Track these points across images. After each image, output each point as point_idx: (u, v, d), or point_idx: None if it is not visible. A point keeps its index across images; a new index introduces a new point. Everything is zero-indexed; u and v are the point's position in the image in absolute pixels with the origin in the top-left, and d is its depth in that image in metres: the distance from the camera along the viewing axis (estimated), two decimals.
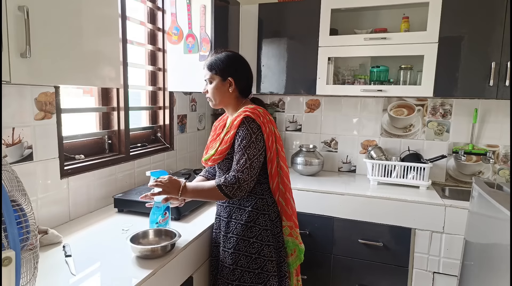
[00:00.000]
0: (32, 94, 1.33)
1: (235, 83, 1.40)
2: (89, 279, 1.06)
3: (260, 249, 1.35)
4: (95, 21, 1.18)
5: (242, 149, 1.30)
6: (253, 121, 1.32)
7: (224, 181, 1.29)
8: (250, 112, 1.33)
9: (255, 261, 1.35)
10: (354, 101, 2.56)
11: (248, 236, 1.35)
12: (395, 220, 1.99)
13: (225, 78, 1.40)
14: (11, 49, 0.89)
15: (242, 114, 1.34)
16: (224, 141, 1.35)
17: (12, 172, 0.82)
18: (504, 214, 1.18)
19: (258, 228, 1.36)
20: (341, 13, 2.35)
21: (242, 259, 1.35)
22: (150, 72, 2.17)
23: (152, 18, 2.14)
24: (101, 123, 1.83)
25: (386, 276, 2.05)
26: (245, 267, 1.35)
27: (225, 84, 1.40)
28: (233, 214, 1.39)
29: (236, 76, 1.41)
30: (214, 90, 1.41)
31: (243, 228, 1.36)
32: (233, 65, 1.42)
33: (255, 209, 1.37)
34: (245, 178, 1.28)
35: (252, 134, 1.31)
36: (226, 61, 1.41)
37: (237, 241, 1.35)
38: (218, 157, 1.36)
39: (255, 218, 1.36)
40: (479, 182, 1.53)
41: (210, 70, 1.41)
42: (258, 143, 1.31)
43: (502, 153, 2.27)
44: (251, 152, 1.30)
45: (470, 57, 1.97)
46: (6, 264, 0.71)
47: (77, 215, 1.56)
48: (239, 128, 1.32)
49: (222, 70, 1.40)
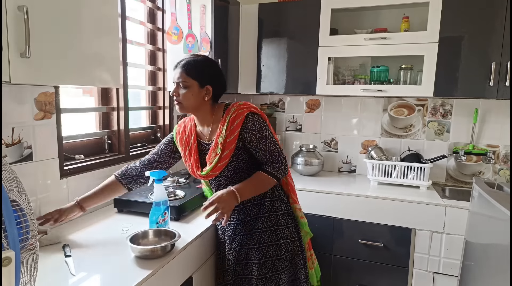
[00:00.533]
0: (32, 94, 1.33)
1: (212, 92, 1.36)
2: (89, 279, 1.06)
3: (282, 233, 1.41)
4: (95, 21, 1.18)
5: (266, 139, 1.34)
6: (258, 114, 1.36)
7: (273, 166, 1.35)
8: (248, 108, 1.36)
9: (280, 247, 1.40)
10: (354, 101, 2.55)
11: (268, 225, 1.41)
12: (395, 220, 1.99)
13: (203, 85, 1.34)
14: (11, 49, 0.89)
15: (241, 111, 1.33)
16: (228, 143, 1.32)
17: (11, 172, 0.82)
18: (504, 214, 1.18)
19: (276, 215, 1.43)
20: (341, 13, 2.34)
21: (270, 249, 1.39)
22: (150, 72, 2.17)
23: (152, 18, 2.14)
24: (101, 123, 1.83)
25: (386, 276, 2.05)
26: (274, 256, 1.39)
27: (202, 91, 1.34)
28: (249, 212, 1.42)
29: (214, 84, 1.36)
30: (189, 95, 1.33)
31: (262, 221, 1.41)
32: (211, 72, 1.37)
33: (268, 198, 1.43)
34: (283, 159, 1.38)
35: (264, 123, 1.36)
36: (205, 67, 1.35)
37: (260, 234, 1.40)
38: (224, 162, 1.34)
39: (270, 207, 1.43)
40: (480, 182, 1.53)
41: (187, 73, 1.32)
42: (270, 130, 1.38)
43: (503, 153, 2.27)
44: (273, 138, 1.37)
45: (470, 57, 1.97)
46: (5, 264, 0.71)
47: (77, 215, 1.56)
48: (245, 125, 1.32)
49: (201, 76, 1.33)
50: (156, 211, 1.38)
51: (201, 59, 1.37)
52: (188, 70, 1.33)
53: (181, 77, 1.33)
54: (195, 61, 1.35)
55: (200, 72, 1.34)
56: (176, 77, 1.35)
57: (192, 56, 1.38)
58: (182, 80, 1.33)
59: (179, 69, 1.35)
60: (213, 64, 1.40)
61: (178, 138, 1.49)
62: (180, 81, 1.33)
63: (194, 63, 1.34)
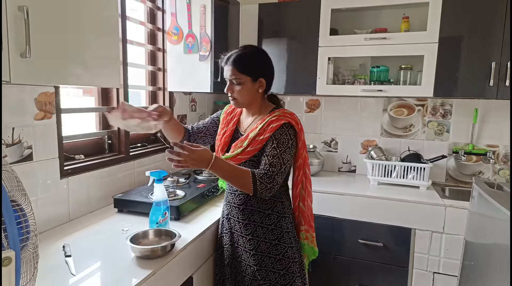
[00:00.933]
0: (32, 94, 1.33)
1: (265, 84, 1.36)
2: (89, 279, 1.06)
3: (284, 251, 1.37)
4: (95, 21, 1.18)
5: (278, 152, 1.29)
6: (292, 127, 1.32)
7: (262, 176, 1.25)
8: (290, 118, 1.33)
9: (280, 262, 1.36)
10: (354, 101, 2.55)
11: (270, 238, 1.36)
12: (395, 220, 1.99)
13: (256, 79, 1.33)
14: (11, 49, 0.89)
15: (281, 119, 1.31)
16: (255, 142, 1.31)
17: (12, 172, 0.82)
18: (504, 214, 1.18)
19: (280, 231, 1.37)
20: (341, 13, 2.34)
21: (266, 260, 1.36)
22: (150, 72, 2.17)
23: (152, 18, 2.14)
24: (101, 123, 1.83)
25: (386, 276, 2.05)
26: (270, 267, 1.36)
27: (255, 85, 1.34)
28: (251, 216, 1.38)
29: (266, 76, 1.36)
30: (244, 91, 1.32)
31: (264, 231, 1.36)
32: (263, 64, 1.36)
33: (276, 212, 1.38)
34: (278, 181, 1.29)
35: (289, 140, 1.31)
36: (255, 60, 1.34)
37: (259, 243, 1.36)
38: (245, 157, 1.33)
39: (276, 221, 1.37)
40: (479, 182, 1.53)
41: (239, 70, 1.30)
42: (292, 149, 1.33)
43: (502, 153, 2.27)
44: (286, 157, 1.30)
45: (470, 57, 1.97)
46: (6, 264, 0.71)
47: (77, 215, 1.56)
48: (276, 132, 1.30)
49: (254, 71, 1.32)
50: (156, 211, 1.38)
51: (251, 52, 1.34)
52: (240, 66, 1.31)
53: (233, 74, 1.32)
54: (245, 55, 1.32)
55: (252, 66, 1.32)
56: (228, 74, 1.33)
57: (240, 50, 1.34)
58: (235, 77, 1.32)
59: (230, 66, 1.32)
60: (263, 55, 1.37)
61: (223, 117, 1.51)
62: (233, 78, 1.32)
63: (245, 57, 1.32)
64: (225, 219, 1.46)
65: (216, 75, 2.11)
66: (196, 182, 1.91)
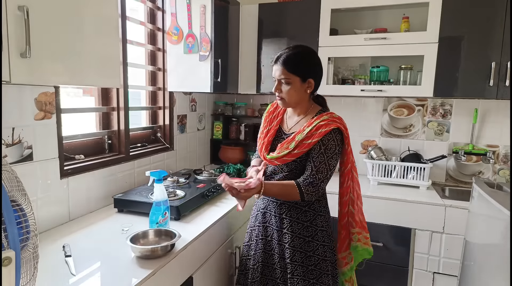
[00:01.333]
0: (32, 94, 1.33)
1: (314, 84, 1.36)
2: (89, 279, 1.06)
3: (316, 248, 1.38)
4: (95, 21, 1.18)
5: (325, 158, 1.30)
6: (340, 133, 1.33)
7: (307, 188, 1.30)
8: (339, 123, 1.33)
9: (310, 259, 1.38)
10: (354, 101, 2.55)
11: (304, 234, 1.38)
12: (395, 220, 1.99)
13: (305, 79, 1.33)
14: (11, 49, 0.89)
15: (330, 124, 1.31)
16: (303, 145, 1.31)
17: (12, 172, 0.82)
18: (504, 214, 1.18)
19: (315, 229, 1.39)
20: (341, 13, 2.35)
21: (297, 255, 1.38)
22: (150, 72, 2.17)
23: (152, 18, 2.14)
24: (101, 123, 1.83)
25: (386, 276, 2.05)
26: (299, 262, 1.37)
27: (304, 85, 1.34)
28: (288, 212, 1.40)
29: (315, 77, 1.36)
30: (292, 92, 1.33)
31: (299, 227, 1.38)
32: (313, 65, 1.36)
33: (312, 210, 1.39)
34: (323, 186, 1.33)
35: (337, 146, 1.32)
36: (306, 60, 1.33)
37: (292, 238, 1.38)
38: (290, 159, 1.34)
39: (311, 219, 1.39)
40: (479, 182, 1.53)
41: (289, 70, 1.30)
42: (339, 155, 1.36)
43: (502, 153, 2.27)
44: (332, 163, 1.33)
45: (470, 57, 1.97)
46: (6, 264, 0.71)
47: (77, 215, 1.56)
48: (324, 137, 1.30)
49: (303, 71, 1.32)
50: (156, 211, 1.38)
51: (301, 52, 1.34)
52: (290, 66, 1.31)
53: (282, 74, 1.32)
54: (295, 55, 1.32)
55: (302, 66, 1.32)
56: (277, 74, 1.34)
57: (290, 50, 1.34)
58: (284, 77, 1.32)
59: (279, 65, 1.32)
60: (313, 55, 1.37)
61: (265, 115, 1.51)
62: (282, 78, 1.33)
63: (295, 57, 1.32)
64: (260, 213, 1.48)
65: (216, 75, 2.11)
66: (196, 182, 1.91)
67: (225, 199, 1.87)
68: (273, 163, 1.39)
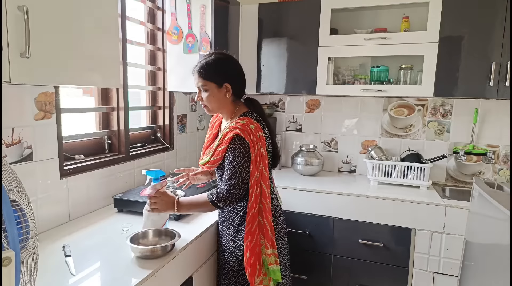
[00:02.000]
0: (32, 94, 1.33)
1: (232, 88, 1.38)
2: (89, 279, 1.06)
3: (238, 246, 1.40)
4: (95, 21, 1.18)
5: (235, 167, 1.30)
6: (243, 139, 1.30)
7: (216, 197, 1.33)
8: (241, 129, 1.29)
9: (240, 263, 1.38)
10: (354, 101, 2.55)
11: (238, 238, 1.39)
12: (395, 220, 1.99)
13: (221, 84, 1.36)
14: (11, 49, 0.89)
15: (233, 129, 1.31)
16: (217, 152, 1.35)
17: (11, 172, 0.82)
18: (504, 214, 1.18)
19: (237, 228, 1.40)
20: (341, 13, 2.34)
21: (230, 258, 1.41)
22: (150, 72, 2.17)
23: (152, 18, 2.14)
24: (101, 123, 1.83)
25: (386, 276, 2.05)
26: (231, 265, 1.40)
27: (221, 90, 1.37)
28: (226, 215, 1.43)
29: (231, 81, 1.38)
30: (211, 98, 1.37)
31: (234, 230, 1.40)
32: (226, 69, 1.38)
33: (246, 214, 1.38)
34: (237, 193, 1.32)
35: (244, 153, 1.30)
36: (219, 66, 1.36)
37: (228, 240, 1.42)
38: (212, 165, 1.39)
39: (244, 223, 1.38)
40: (480, 182, 1.53)
41: (203, 77, 1.35)
42: (249, 162, 1.31)
43: (503, 153, 2.27)
44: (244, 171, 1.31)
45: (470, 57, 1.97)
46: (6, 264, 0.71)
47: (77, 215, 1.56)
48: (230, 144, 1.31)
49: (216, 76, 1.35)
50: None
51: (214, 59, 1.37)
52: (204, 73, 1.35)
53: (199, 82, 1.37)
54: (207, 63, 1.36)
55: (215, 72, 1.35)
56: (195, 82, 1.39)
57: (204, 58, 1.39)
58: (201, 84, 1.37)
59: (195, 74, 1.38)
60: (226, 60, 1.40)
61: (210, 120, 1.59)
62: (199, 85, 1.38)
63: (207, 65, 1.35)
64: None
65: None
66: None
67: None
68: (202, 168, 1.44)
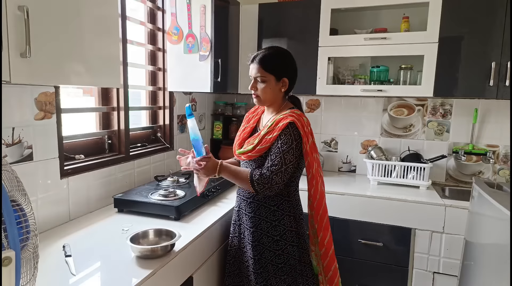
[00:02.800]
0: (32, 94, 1.33)
1: (288, 84, 1.40)
2: (89, 279, 1.06)
3: (284, 247, 1.40)
4: (95, 21, 1.18)
5: (281, 152, 1.31)
6: (296, 128, 1.33)
7: (258, 178, 1.32)
8: (296, 119, 1.33)
9: (279, 257, 1.40)
10: (354, 101, 2.56)
11: (273, 234, 1.40)
12: (395, 220, 1.99)
13: (279, 78, 1.38)
14: (11, 49, 0.89)
15: (288, 118, 1.33)
16: (265, 140, 1.34)
17: (12, 172, 0.82)
18: (504, 214, 1.18)
19: (283, 228, 1.41)
20: (341, 13, 2.34)
21: (266, 252, 1.41)
22: (150, 72, 2.17)
23: (152, 18, 2.14)
24: (101, 123, 1.83)
25: (386, 276, 2.05)
26: (269, 259, 1.40)
27: (279, 84, 1.39)
28: (257, 210, 1.42)
29: (290, 76, 1.40)
30: (267, 89, 1.38)
31: (268, 226, 1.41)
32: (288, 64, 1.40)
33: (280, 210, 1.41)
34: (278, 180, 1.32)
35: (293, 141, 1.33)
36: (281, 60, 1.39)
37: (261, 236, 1.41)
38: (255, 154, 1.37)
39: (280, 218, 1.41)
40: (479, 182, 1.53)
41: (265, 68, 1.36)
42: (297, 150, 1.34)
43: (502, 153, 2.27)
44: (289, 158, 1.32)
45: (470, 57, 1.97)
46: (6, 264, 0.71)
47: (77, 215, 1.56)
48: (282, 131, 1.32)
49: (277, 70, 1.37)
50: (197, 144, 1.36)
51: (276, 52, 1.40)
52: (265, 64, 1.36)
53: (258, 72, 1.37)
54: (271, 55, 1.38)
55: (277, 65, 1.37)
56: (254, 72, 1.39)
57: (266, 50, 1.40)
58: (260, 75, 1.37)
59: (256, 64, 1.38)
60: (288, 56, 1.42)
61: (246, 115, 1.60)
62: (258, 76, 1.38)
63: (270, 57, 1.37)
64: (235, 211, 1.53)
65: (216, 75, 2.11)
66: None
67: (225, 199, 1.87)
68: (240, 158, 1.44)
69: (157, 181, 1.88)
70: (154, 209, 1.57)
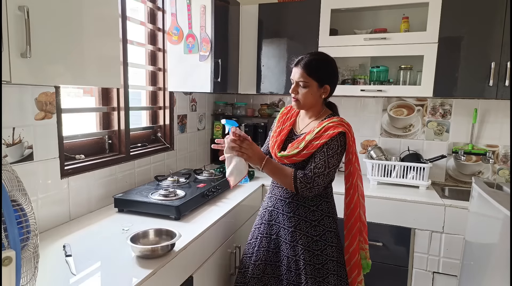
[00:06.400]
0: (33, 94, 1.33)
1: (330, 91, 1.41)
2: (89, 279, 1.07)
3: (324, 248, 1.41)
4: (95, 21, 1.18)
5: (326, 156, 1.33)
6: (344, 136, 1.35)
7: (302, 177, 1.33)
8: (347, 129, 1.35)
9: (317, 258, 1.40)
10: (354, 101, 2.56)
11: (312, 234, 1.41)
12: (395, 220, 1.99)
13: (322, 85, 1.38)
14: (11, 49, 0.89)
15: (339, 127, 1.34)
16: (312, 145, 1.35)
17: (12, 172, 0.82)
18: (504, 214, 1.18)
19: (322, 229, 1.42)
20: (341, 13, 2.35)
21: (305, 253, 1.41)
22: (150, 72, 2.18)
23: (152, 18, 2.14)
24: (101, 123, 1.84)
25: (386, 276, 2.05)
26: (307, 260, 1.40)
27: (320, 90, 1.39)
28: (296, 210, 1.43)
29: (331, 83, 1.41)
30: (308, 95, 1.38)
31: (307, 226, 1.41)
32: (331, 72, 1.41)
33: (320, 210, 1.42)
34: (319, 182, 1.33)
35: (339, 147, 1.35)
36: (325, 67, 1.38)
37: (300, 236, 1.42)
38: (299, 159, 1.38)
39: (319, 218, 1.42)
40: (479, 182, 1.53)
41: (308, 73, 1.36)
42: (341, 156, 1.37)
43: (502, 153, 2.27)
44: (332, 162, 1.34)
45: (470, 57, 1.97)
46: (6, 264, 0.71)
47: (77, 215, 1.57)
48: (331, 139, 1.33)
49: (321, 76, 1.37)
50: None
51: (322, 58, 1.40)
52: (310, 70, 1.36)
53: (301, 77, 1.37)
54: (316, 61, 1.37)
55: (321, 72, 1.37)
56: (297, 76, 1.38)
57: (312, 55, 1.39)
58: (303, 80, 1.37)
59: (300, 68, 1.37)
60: (332, 63, 1.42)
61: (279, 117, 1.57)
62: (300, 80, 1.38)
63: (316, 63, 1.37)
64: (267, 211, 1.52)
65: (216, 75, 2.11)
66: (196, 182, 1.91)
67: (225, 199, 1.87)
68: (282, 161, 1.43)
69: (157, 181, 1.88)
70: (154, 209, 1.57)
